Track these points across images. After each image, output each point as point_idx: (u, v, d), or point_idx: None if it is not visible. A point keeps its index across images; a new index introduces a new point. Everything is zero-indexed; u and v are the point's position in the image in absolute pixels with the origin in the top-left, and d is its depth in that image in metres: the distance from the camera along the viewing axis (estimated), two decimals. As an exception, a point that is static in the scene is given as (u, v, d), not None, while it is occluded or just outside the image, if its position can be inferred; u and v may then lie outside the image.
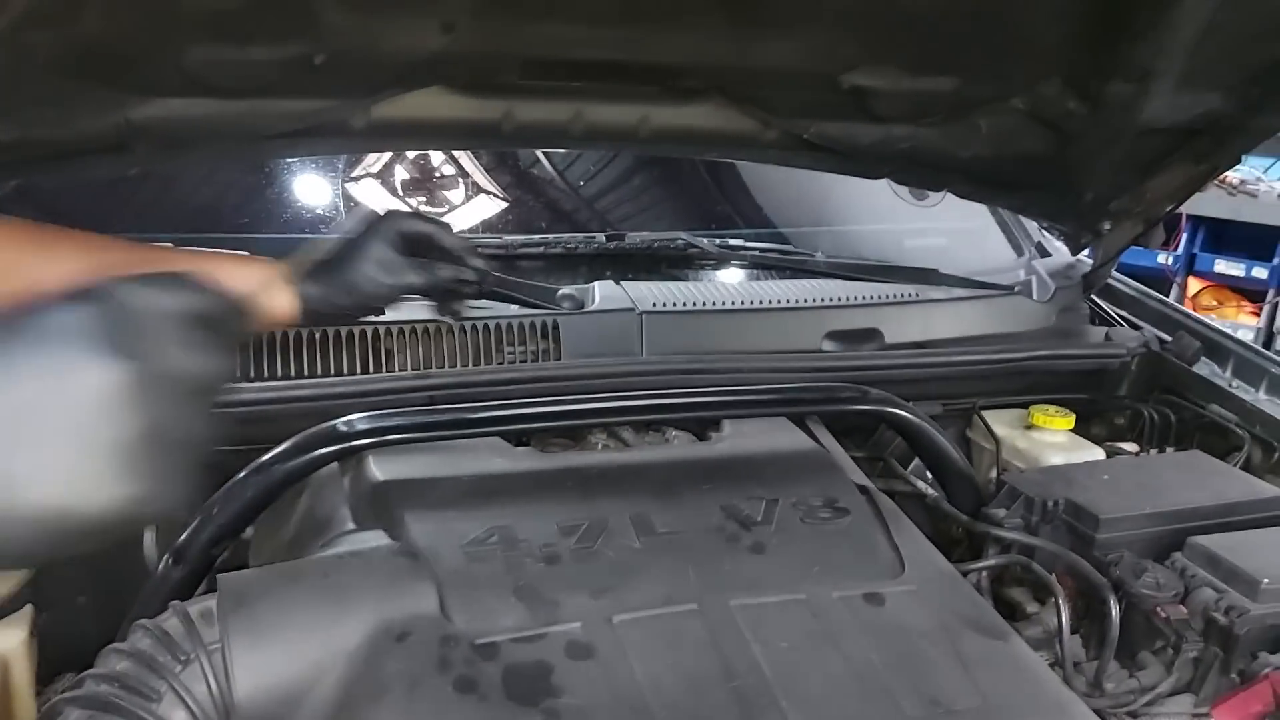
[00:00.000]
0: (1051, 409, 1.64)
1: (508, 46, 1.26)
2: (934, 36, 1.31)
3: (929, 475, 1.54)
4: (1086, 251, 1.99)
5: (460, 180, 2.16)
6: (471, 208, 2.06)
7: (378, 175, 2.17)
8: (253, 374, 1.41)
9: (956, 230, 2.22)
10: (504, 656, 0.95)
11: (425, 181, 2.19)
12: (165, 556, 1.20)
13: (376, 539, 1.11)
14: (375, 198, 2.02)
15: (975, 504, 1.43)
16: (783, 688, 0.95)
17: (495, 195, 2.11)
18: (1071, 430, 1.63)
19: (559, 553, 1.11)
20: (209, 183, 1.91)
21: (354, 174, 2.07)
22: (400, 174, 2.18)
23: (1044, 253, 2.15)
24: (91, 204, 1.72)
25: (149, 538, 1.38)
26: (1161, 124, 1.48)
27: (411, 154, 2.02)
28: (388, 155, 2.01)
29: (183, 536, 1.20)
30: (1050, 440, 1.60)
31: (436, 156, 2.05)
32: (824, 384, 1.48)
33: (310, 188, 2.00)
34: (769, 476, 1.29)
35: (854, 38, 1.30)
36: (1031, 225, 2.20)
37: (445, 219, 1.98)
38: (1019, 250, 2.17)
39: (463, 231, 1.94)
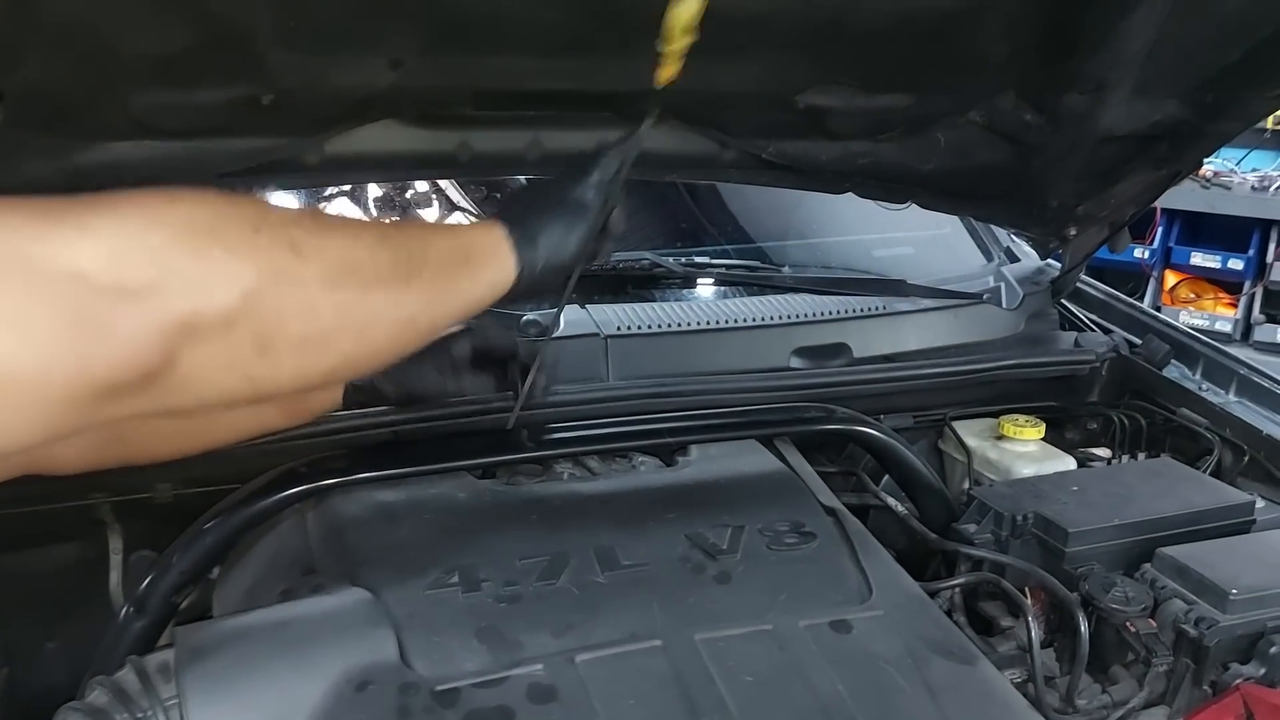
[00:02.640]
0: (1021, 419, 1.63)
1: (458, 80, 1.25)
2: (885, 55, 1.31)
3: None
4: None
5: (434, 197, 2.15)
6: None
7: (351, 194, 2.16)
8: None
9: (927, 237, 2.23)
10: (465, 703, 0.94)
11: (399, 200, 2.18)
12: (126, 605, 1.19)
13: (337, 584, 1.10)
14: (349, 215, 2.01)
15: (947, 518, 1.43)
16: (747, 724, 0.94)
17: (470, 212, 2.10)
18: (1043, 438, 1.63)
19: (521, 591, 1.10)
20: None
21: (327, 193, 2.06)
22: (374, 192, 2.17)
23: (1013, 258, 2.15)
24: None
25: (115, 578, 1.37)
26: (1119, 132, 1.48)
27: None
28: (358, 178, 2.00)
29: (143, 585, 1.18)
30: (1021, 450, 1.60)
31: (409, 175, 2.02)
32: (790, 404, 1.47)
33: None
34: (735, 502, 1.28)
35: (805, 59, 1.30)
36: (1000, 231, 2.20)
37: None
38: (988, 256, 2.18)
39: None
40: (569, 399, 1.43)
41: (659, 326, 1.61)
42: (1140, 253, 4.88)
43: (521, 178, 1.77)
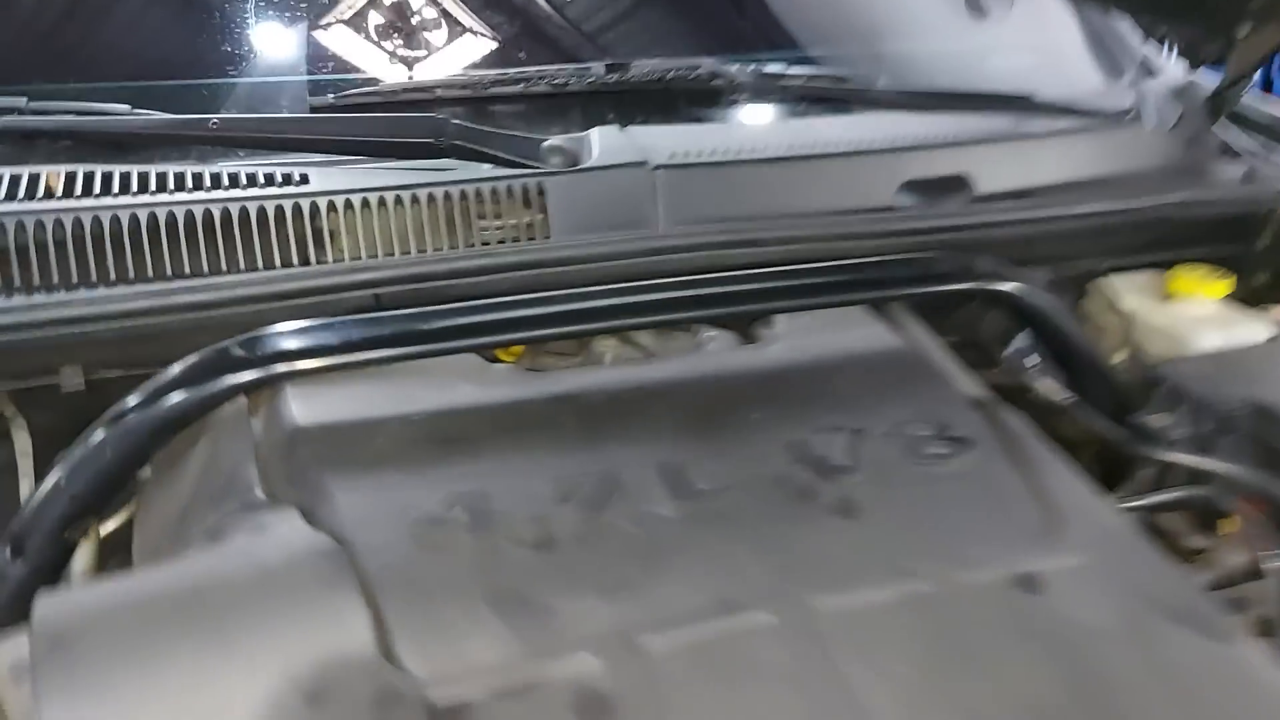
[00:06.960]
0: (1199, 271, 1.26)
1: None
2: None
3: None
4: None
5: (443, 20, 1.89)
6: (455, 50, 1.77)
7: (349, 22, 1.91)
8: (131, 272, 1.02)
9: (1028, 46, 1.81)
10: None
11: (402, 25, 1.94)
12: (3, 545, 0.86)
13: (287, 521, 0.76)
14: (347, 46, 1.72)
15: (1116, 411, 1.08)
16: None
17: (484, 35, 1.82)
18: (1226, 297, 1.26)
19: (553, 532, 0.75)
20: (158, 28, 1.59)
21: (323, 21, 1.78)
22: (374, 19, 1.93)
23: (1150, 72, 1.74)
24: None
25: (25, 488, 1.03)
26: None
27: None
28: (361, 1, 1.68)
29: (24, 514, 0.85)
30: (1200, 314, 1.23)
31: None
32: (913, 255, 1.10)
33: (274, 36, 1.68)
34: (848, 395, 0.93)
35: None
36: (1131, 39, 1.79)
37: (425, 64, 1.67)
38: (1117, 70, 1.76)
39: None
40: (609, 252, 1.07)
41: (724, 153, 1.22)
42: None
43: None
